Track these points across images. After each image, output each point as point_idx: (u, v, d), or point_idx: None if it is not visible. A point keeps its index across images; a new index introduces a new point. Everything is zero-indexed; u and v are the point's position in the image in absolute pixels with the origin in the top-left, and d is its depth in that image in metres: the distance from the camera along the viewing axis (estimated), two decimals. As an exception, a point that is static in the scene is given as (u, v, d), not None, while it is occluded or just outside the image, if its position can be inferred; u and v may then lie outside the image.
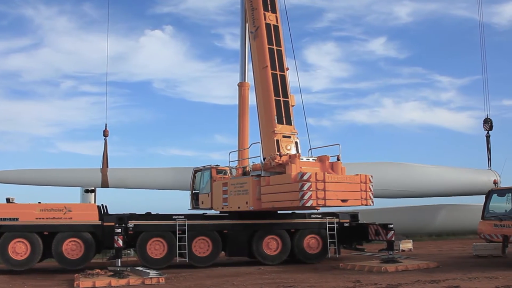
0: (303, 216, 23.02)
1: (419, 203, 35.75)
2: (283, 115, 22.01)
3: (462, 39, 73.29)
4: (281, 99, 22.20)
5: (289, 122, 22.10)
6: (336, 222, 23.05)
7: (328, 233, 22.71)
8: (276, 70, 22.48)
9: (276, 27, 23.24)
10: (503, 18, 71.12)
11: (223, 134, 71.65)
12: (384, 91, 74.84)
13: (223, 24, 72.02)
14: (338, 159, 21.20)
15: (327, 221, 22.90)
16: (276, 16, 23.37)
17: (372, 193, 20.86)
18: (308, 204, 19.36)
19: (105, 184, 29.94)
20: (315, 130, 71.88)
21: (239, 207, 21.47)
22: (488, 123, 33.98)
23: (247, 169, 22.29)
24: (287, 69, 23.01)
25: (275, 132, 21.57)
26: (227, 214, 22.44)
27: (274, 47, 22.84)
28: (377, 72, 74.80)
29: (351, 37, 73.40)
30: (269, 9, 23.27)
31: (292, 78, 23.26)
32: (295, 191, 19.40)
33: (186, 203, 25.04)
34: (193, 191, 24.73)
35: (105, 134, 28.56)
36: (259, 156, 21.53)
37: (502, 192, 20.45)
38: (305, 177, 19.28)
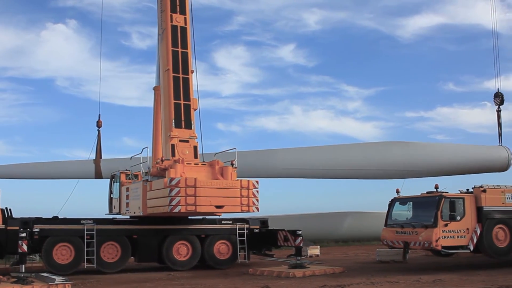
0: (214, 221, 23.11)
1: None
2: (182, 119, 21.83)
3: (368, 50, 75.64)
4: (182, 102, 22.01)
5: (188, 126, 21.87)
6: (246, 228, 23.30)
7: (238, 238, 22.90)
8: (178, 73, 22.25)
9: (183, 29, 22.85)
10: (407, 31, 74.02)
11: (132, 137, 70.13)
12: (294, 99, 75.64)
13: (129, 22, 70.13)
14: (232, 164, 21.33)
15: (237, 227, 23.11)
16: (185, 18, 23.00)
17: (257, 199, 20.89)
18: (176, 210, 19.32)
19: (98, 175, 29.74)
20: (225, 135, 71.62)
21: (134, 212, 21.58)
22: (499, 97, 32.97)
23: (140, 174, 22.15)
24: (192, 72, 22.73)
25: (171, 136, 21.45)
26: (137, 219, 22.16)
27: (179, 49, 22.53)
28: (287, 79, 75.50)
29: (261, 42, 73.68)
30: (178, 10, 22.90)
31: (201, 81, 23.20)
32: (165, 196, 19.46)
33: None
34: (110, 196, 24.37)
35: (98, 124, 28.42)
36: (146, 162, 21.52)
37: (404, 200, 21.42)
38: (173, 182, 19.27)
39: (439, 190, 20.29)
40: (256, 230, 23.86)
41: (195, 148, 21.80)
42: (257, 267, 21.19)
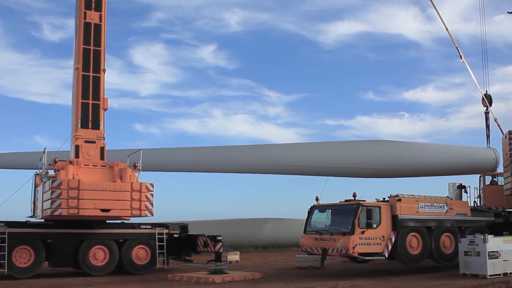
0: (132, 226, 22.65)
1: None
2: (90, 119, 21.42)
3: (290, 54, 75.63)
4: (90, 102, 21.60)
5: (96, 127, 21.49)
6: (166, 233, 22.96)
7: (157, 243, 22.55)
8: (89, 72, 21.79)
9: (98, 26, 22.29)
10: (329, 37, 74.74)
11: (44, 136, 67.07)
12: (214, 102, 74.67)
13: (40, 11, 66.40)
14: (135, 166, 21.16)
15: (156, 231, 22.72)
16: (101, 15, 22.45)
17: (151, 203, 20.71)
18: (57, 213, 19.00)
19: None
20: (143, 137, 69.85)
21: (38, 215, 21.21)
22: (487, 99, 32.51)
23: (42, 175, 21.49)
24: (104, 70, 22.22)
25: (76, 136, 21.07)
26: (53, 223, 21.38)
27: (91, 47, 22.04)
28: (207, 81, 74.24)
29: (181, 41, 72.01)
30: (93, 7, 22.34)
31: (118, 79, 22.85)
32: (49, 199, 19.15)
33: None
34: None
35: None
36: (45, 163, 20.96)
37: (323, 208, 21.88)
38: (55, 184, 18.95)
39: (356, 198, 20.81)
40: (175, 235, 23.56)
41: (102, 149, 21.42)
42: (176, 273, 20.97)
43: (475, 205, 25.28)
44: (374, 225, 19.96)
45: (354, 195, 20.90)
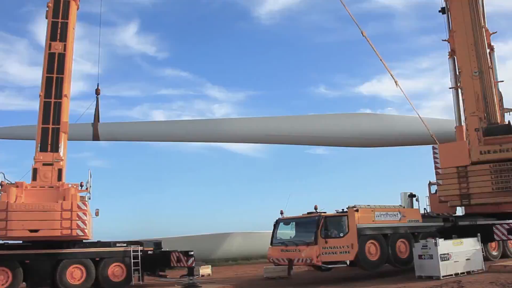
0: (108, 244, 23.39)
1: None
2: (49, 142, 22.26)
3: (223, 33, 72.11)
4: (50, 126, 22.49)
5: (55, 149, 22.25)
6: (140, 250, 23.62)
7: (132, 261, 23.20)
8: (51, 98, 22.71)
9: (61, 55, 23.25)
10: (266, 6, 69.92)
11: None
12: (154, 102, 72.09)
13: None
14: (81, 186, 21.74)
15: (131, 249, 23.41)
16: (65, 44, 23.45)
17: (83, 222, 20.93)
18: None
19: (96, 137, 31.67)
20: (87, 146, 66.94)
21: None
22: None
23: None
24: (65, 96, 23.00)
25: (35, 160, 21.85)
26: (31, 244, 21.94)
27: (54, 75, 23.01)
28: (137, 73, 70.98)
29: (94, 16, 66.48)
30: (58, 38, 23.40)
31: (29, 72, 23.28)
32: None
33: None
34: None
35: (97, 92, 29.09)
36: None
37: (288, 221, 23.09)
38: None
39: (318, 210, 22.05)
40: (150, 252, 24.22)
41: (60, 170, 22.10)
42: (151, 288, 21.67)
43: (426, 212, 26.75)
44: (341, 234, 21.11)
45: (316, 208, 22.13)
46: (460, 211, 27.33)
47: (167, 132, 34.53)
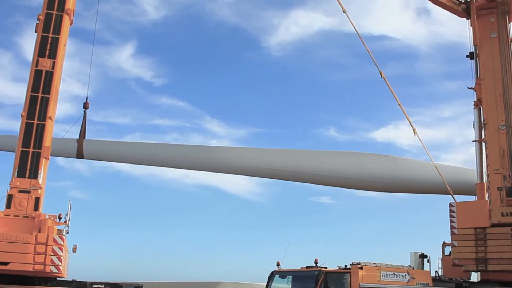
0: (84, 285, 21.52)
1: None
2: (28, 168, 20.65)
3: (229, 62, 67.00)
4: (31, 150, 20.88)
5: (34, 176, 20.64)
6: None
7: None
8: (33, 119, 21.15)
9: (49, 73, 21.71)
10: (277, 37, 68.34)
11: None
12: (146, 132, 68.06)
13: None
14: (59, 218, 20.23)
15: None
16: (54, 62, 21.90)
17: (58, 258, 19.30)
18: None
19: (80, 155, 29.54)
20: (69, 175, 62.69)
21: None
22: None
23: None
24: (50, 118, 21.48)
25: (11, 185, 20.35)
26: None
27: (39, 95, 21.45)
28: (130, 98, 66.40)
29: (88, 32, 63.13)
30: (46, 54, 21.90)
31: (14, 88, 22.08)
32: None
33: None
34: None
35: (85, 106, 27.43)
36: None
37: (284, 274, 21.62)
38: None
39: (318, 265, 20.44)
40: (129, 296, 22.60)
41: (37, 199, 20.47)
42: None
43: (437, 275, 24.99)
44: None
45: (316, 262, 20.61)
46: (475, 277, 25.35)
47: (157, 154, 32.35)
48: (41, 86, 21.46)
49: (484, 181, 25.47)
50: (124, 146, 32.81)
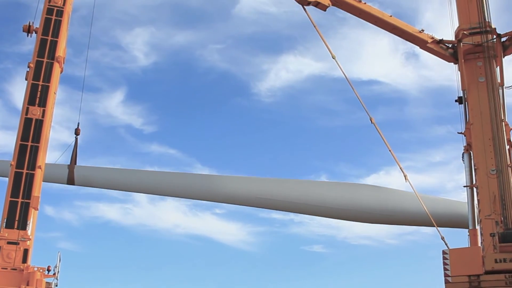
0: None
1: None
2: (17, 219, 20.37)
3: (217, 108, 66.42)
4: (20, 200, 20.63)
5: (22, 227, 20.40)
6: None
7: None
8: (23, 169, 20.96)
9: (39, 122, 21.64)
10: (267, 82, 68.35)
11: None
12: None
13: None
14: (48, 270, 20.04)
15: None
16: (44, 110, 21.90)
17: None
18: None
19: (71, 181, 29.25)
20: (57, 225, 62.33)
21: None
22: None
23: None
24: (39, 167, 21.33)
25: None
26: None
27: (29, 143, 21.29)
28: (120, 146, 65.87)
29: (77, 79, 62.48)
30: (36, 103, 21.84)
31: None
32: None
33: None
34: None
35: (77, 132, 27.85)
36: None
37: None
38: None
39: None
40: None
41: (26, 251, 20.17)
42: None
43: None
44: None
45: None
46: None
47: (148, 182, 32.19)
48: (31, 134, 21.26)
49: (477, 227, 25.25)
50: (115, 172, 32.58)
